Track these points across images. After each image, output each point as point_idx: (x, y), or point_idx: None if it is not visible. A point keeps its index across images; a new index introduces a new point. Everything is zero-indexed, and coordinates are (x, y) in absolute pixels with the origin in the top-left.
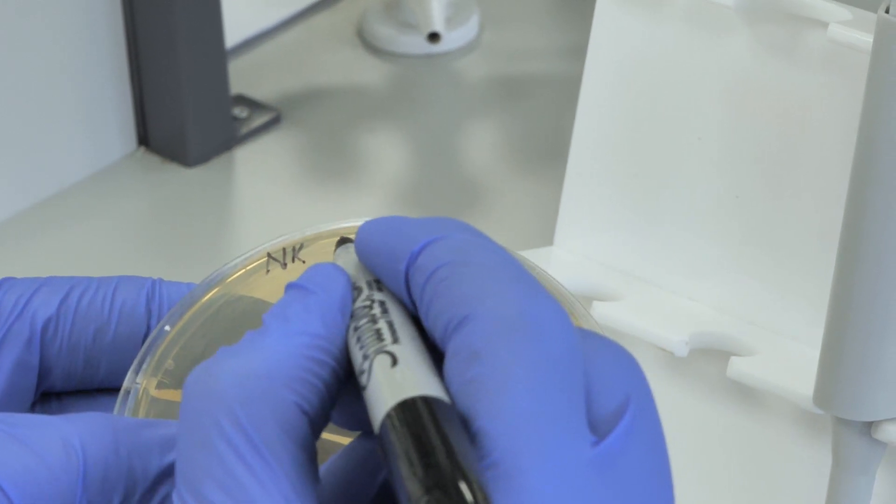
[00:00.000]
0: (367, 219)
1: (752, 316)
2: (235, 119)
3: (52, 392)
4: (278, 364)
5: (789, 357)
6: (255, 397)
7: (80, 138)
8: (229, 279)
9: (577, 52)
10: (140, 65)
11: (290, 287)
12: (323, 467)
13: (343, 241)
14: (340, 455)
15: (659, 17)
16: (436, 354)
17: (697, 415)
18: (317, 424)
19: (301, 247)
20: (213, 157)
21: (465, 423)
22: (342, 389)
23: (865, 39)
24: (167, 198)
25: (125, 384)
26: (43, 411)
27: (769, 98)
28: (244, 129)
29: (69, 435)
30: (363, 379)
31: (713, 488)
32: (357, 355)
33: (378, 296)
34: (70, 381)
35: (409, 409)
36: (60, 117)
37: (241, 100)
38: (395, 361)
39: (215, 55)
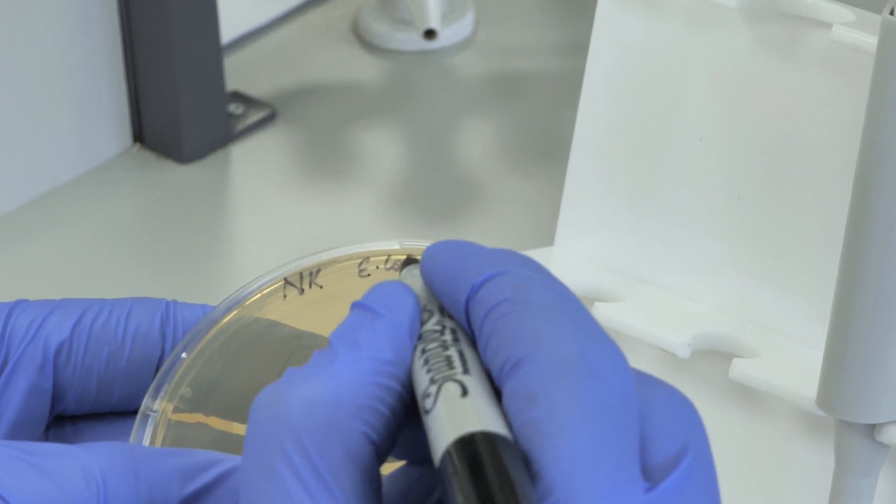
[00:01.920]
0: (405, 242)
1: (754, 317)
2: (231, 116)
3: (65, 416)
4: (347, 392)
5: (792, 359)
6: (323, 425)
7: (74, 135)
8: (246, 303)
9: (574, 49)
10: (135, 61)
11: (357, 306)
12: None
13: (410, 260)
14: (388, 481)
15: (660, 17)
16: (493, 389)
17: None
18: (382, 452)
19: (318, 271)
20: (209, 153)
21: (525, 464)
22: (406, 415)
23: (869, 41)
24: (162, 195)
25: (142, 409)
26: (56, 435)
27: (772, 99)
28: (239, 126)
29: (89, 464)
30: (427, 403)
31: None
32: (423, 378)
33: (450, 323)
34: (83, 404)
35: (476, 443)
36: (55, 114)
37: (237, 96)
38: (465, 392)
39: (210, 52)
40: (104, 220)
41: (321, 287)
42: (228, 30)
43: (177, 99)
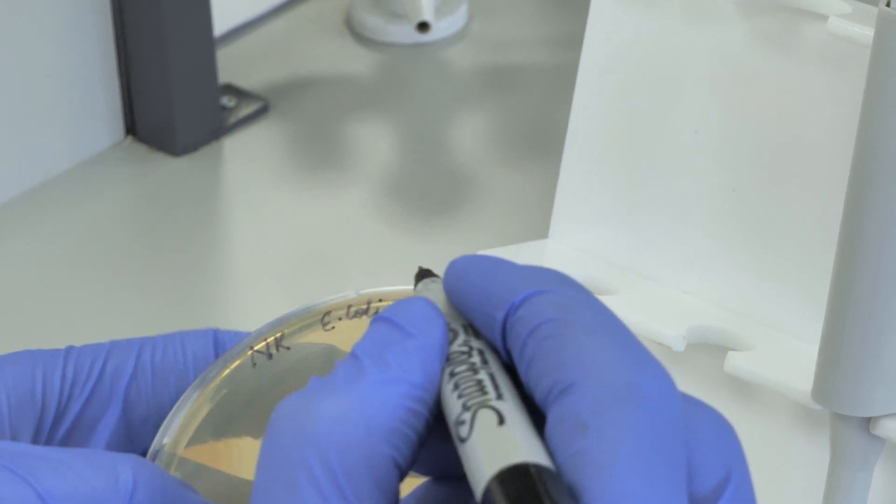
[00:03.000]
0: (361, 291)
1: (749, 310)
2: (223, 108)
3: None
4: (377, 414)
5: (787, 352)
6: (352, 446)
7: (66, 127)
8: (214, 380)
9: (567, 42)
10: (128, 54)
11: (381, 321)
12: None
13: (424, 273)
14: (411, 499)
15: (655, 10)
16: (529, 410)
17: None
18: (403, 475)
19: (282, 336)
20: (201, 146)
21: (574, 497)
22: (430, 432)
23: (866, 33)
24: (154, 188)
25: (153, 447)
26: None
27: (767, 91)
28: (232, 119)
29: (121, 465)
30: (462, 430)
31: None
32: (454, 404)
33: (476, 343)
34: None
35: (521, 477)
36: (47, 106)
37: (229, 89)
38: (501, 420)
39: (203, 44)
40: (96, 213)
41: (288, 349)
42: (221, 22)
43: (169, 92)
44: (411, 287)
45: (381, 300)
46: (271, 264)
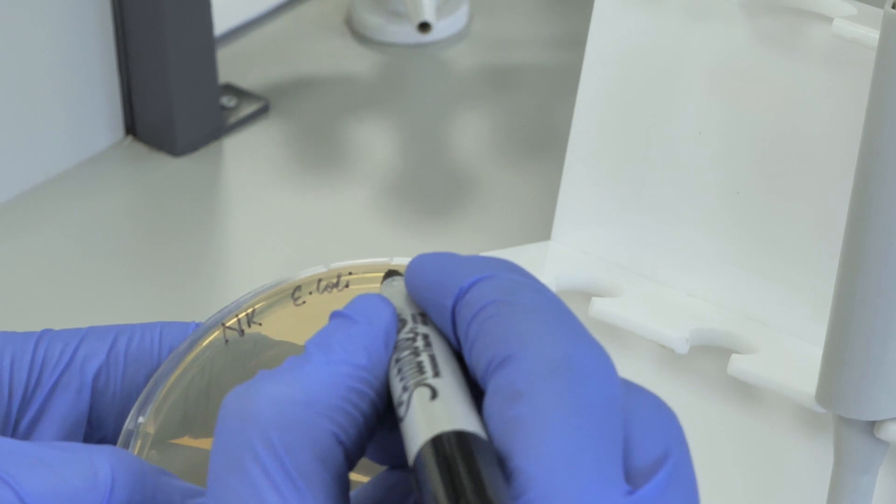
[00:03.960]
0: (331, 264)
1: (752, 312)
2: (223, 108)
3: (104, 444)
4: (318, 392)
5: (790, 354)
6: (292, 423)
7: (66, 127)
8: (188, 356)
9: (568, 42)
10: (128, 53)
11: (335, 315)
12: (350, 495)
13: (390, 273)
14: (368, 484)
15: (659, 10)
16: (475, 392)
17: (697, 413)
18: (352, 456)
19: (253, 312)
20: (201, 146)
21: (502, 462)
22: (380, 423)
23: (870, 35)
24: (154, 187)
25: (126, 425)
26: None
27: (771, 93)
28: (232, 119)
29: (100, 463)
30: (401, 410)
31: (713, 487)
32: (397, 387)
33: (422, 329)
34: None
35: (446, 443)
36: (47, 105)
37: (230, 89)
38: (434, 394)
39: (203, 44)
40: (96, 212)
41: (260, 325)
42: (221, 22)
43: (169, 91)
44: (381, 260)
45: (350, 273)
46: (271, 264)
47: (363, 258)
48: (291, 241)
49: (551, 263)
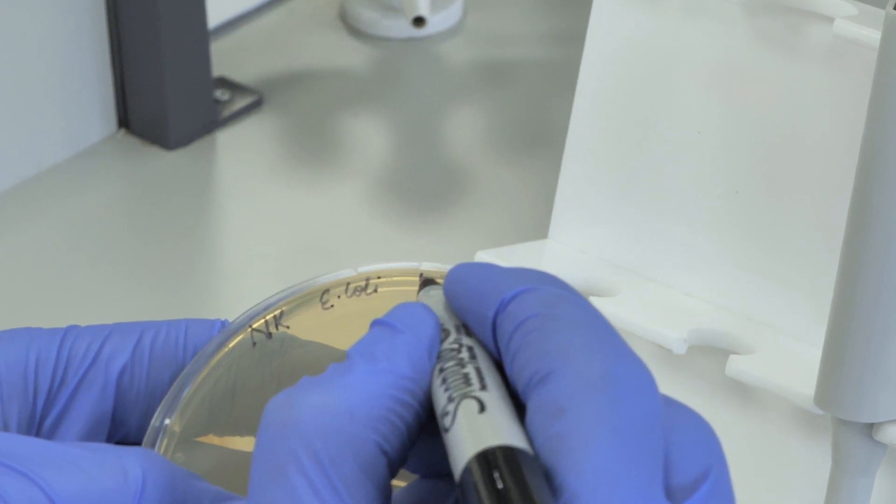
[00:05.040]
0: (360, 268)
1: (751, 313)
2: (217, 102)
3: (126, 441)
4: (362, 402)
5: (788, 355)
6: (336, 433)
7: (59, 120)
8: (213, 359)
9: (562, 37)
10: (121, 46)
11: (377, 324)
12: None
13: (427, 282)
14: (402, 493)
15: (659, 8)
16: (516, 404)
17: None
18: (394, 466)
19: (281, 314)
20: (194, 139)
21: (548, 478)
22: (422, 432)
23: (872, 36)
24: (147, 181)
25: (153, 424)
26: None
27: (771, 93)
28: (225, 112)
29: (129, 461)
30: (446, 421)
31: None
32: (441, 397)
33: (466, 340)
34: (146, 428)
35: (496, 458)
36: (40, 98)
37: (223, 82)
38: (482, 408)
39: (197, 37)
40: (88, 206)
41: (287, 327)
42: (215, 15)
43: (163, 84)
44: (410, 264)
45: (379, 277)
46: (264, 257)
47: (390, 262)
48: (284, 234)
49: (548, 262)
